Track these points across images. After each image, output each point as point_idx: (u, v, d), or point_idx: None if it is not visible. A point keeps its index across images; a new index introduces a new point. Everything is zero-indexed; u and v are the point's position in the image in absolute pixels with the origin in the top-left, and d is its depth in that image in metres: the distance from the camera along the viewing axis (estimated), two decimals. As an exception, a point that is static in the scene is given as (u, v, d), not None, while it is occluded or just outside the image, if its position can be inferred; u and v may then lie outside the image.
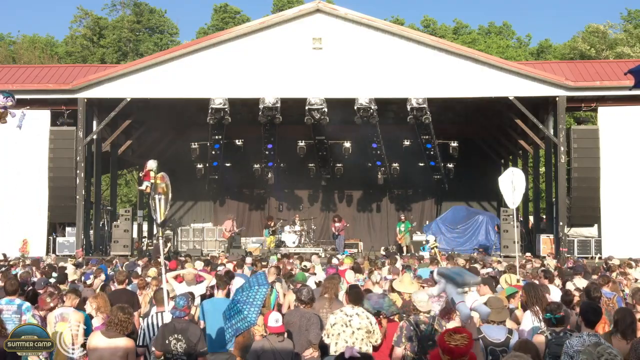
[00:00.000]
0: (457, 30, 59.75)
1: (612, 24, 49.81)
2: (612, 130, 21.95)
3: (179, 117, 26.23)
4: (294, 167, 28.17)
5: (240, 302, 7.09)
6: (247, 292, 7.16)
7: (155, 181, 8.67)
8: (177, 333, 6.88)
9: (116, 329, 6.50)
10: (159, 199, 8.53)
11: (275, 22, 22.64)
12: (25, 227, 21.99)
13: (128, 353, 6.49)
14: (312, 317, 7.58)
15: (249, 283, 7.38)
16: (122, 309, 6.69)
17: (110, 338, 6.45)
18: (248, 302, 7.05)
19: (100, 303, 7.97)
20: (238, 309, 7.04)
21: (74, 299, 8.29)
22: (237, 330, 7.06)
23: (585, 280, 11.04)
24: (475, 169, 28.73)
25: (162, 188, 8.54)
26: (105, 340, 6.45)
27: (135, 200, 36.13)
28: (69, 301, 8.23)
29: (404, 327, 6.66)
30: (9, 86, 22.20)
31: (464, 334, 4.36)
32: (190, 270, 11.03)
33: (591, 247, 21.93)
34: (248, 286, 7.28)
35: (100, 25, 59.89)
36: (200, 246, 25.94)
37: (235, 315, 7.05)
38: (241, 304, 7.05)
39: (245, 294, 7.15)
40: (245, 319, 6.95)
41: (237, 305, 7.06)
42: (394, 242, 28.11)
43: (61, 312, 8.04)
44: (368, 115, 21.81)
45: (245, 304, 7.01)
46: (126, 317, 6.59)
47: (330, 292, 8.53)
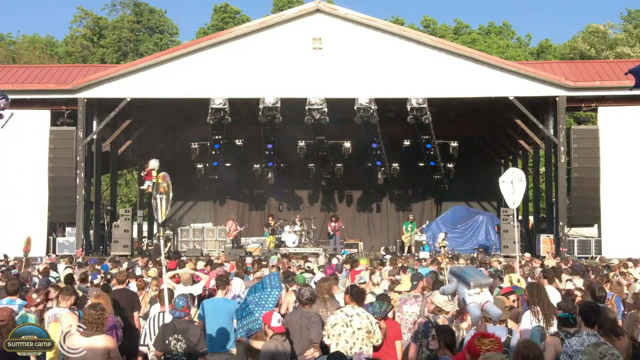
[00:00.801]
0: (458, 30, 59.74)
1: (612, 24, 49.87)
2: (612, 130, 21.96)
3: (179, 117, 26.22)
4: (294, 167, 28.19)
5: (252, 303, 7.10)
6: (260, 293, 7.18)
7: (157, 180, 8.68)
8: (177, 333, 6.88)
9: (91, 328, 6.47)
10: (160, 198, 8.53)
11: (275, 22, 22.64)
12: (25, 227, 21.96)
13: (109, 350, 6.45)
14: (313, 317, 7.58)
15: (262, 284, 7.39)
16: (93, 307, 6.67)
17: (89, 337, 6.42)
18: (260, 304, 7.08)
19: (102, 302, 7.94)
20: (250, 310, 7.06)
21: (69, 299, 8.20)
22: (249, 331, 7.10)
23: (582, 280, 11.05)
24: (475, 169, 28.75)
25: (164, 187, 8.55)
26: (84, 339, 6.41)
27: (135, 200, 36.14)
28: (64, 302, 8.15)
29: (422, 323, 6.68)
30: (9, 86, 22.24)
31: (492, 338, 4.49)
32: (186, 270, 11.00)
33: (591, 247, 21.92)
34: (261, 287, 7.29)
35: (100, 25, 59.90)
36: (200, 246, 25.93)
37: (247, 316, 7.08)
38: (253, 305, 7.06)
39: (258, 295, 7.17)
40: (257, 320, 6.99)
41: (250, 307, 7.08)
42: (394, 241, 28.15)
43: (55, 312, 8.01)
44: (368, 115, 21.81)
45: (258, 306, 7.04)
46: (98, 314, 6.55)
47: (323, 294, 8.52)
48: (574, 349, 5.60)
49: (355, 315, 7.11)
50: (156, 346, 6.99)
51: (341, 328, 7.02)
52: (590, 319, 6.08)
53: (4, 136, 20.20)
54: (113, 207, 26.57)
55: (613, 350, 4.45)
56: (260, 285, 7.41)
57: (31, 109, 22.18)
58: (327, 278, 9.62)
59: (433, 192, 30.00)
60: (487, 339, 4.41)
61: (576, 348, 5.62)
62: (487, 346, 4.35)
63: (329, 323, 7.18)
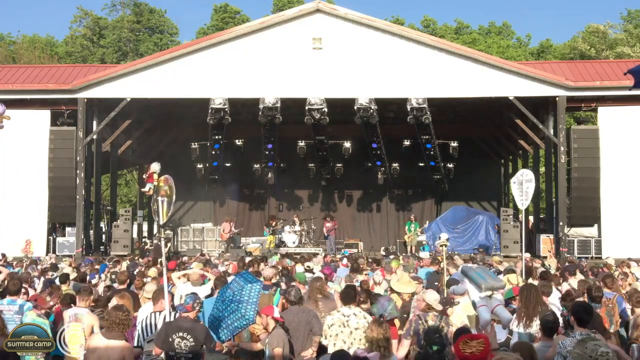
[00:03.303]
0: (458, 30, 59.75)
1: (612, 24, 49.81)
2: (612, 130, 21.95)
3: (179, 117, 26.23)
4: (294, 167, 28.19)
5: (233, 301, 7.04)
6: (240, 291, 7.11)
7: (159, 184, 8.68)
8: (182, 332, 6.81)
9: (117, 329, 6.45)
10: (162, 201, 8.53)
11: (275, 22, 22.63)
12: (25, 227, 21.99)
13: (124, 356, 6.41)
14: (309, 312, 7.60)
15: (237, 282, 7.33)
16: (119, 309, 6.67)
17: (110, 339, 6.41)
18: (243, 300, 7.01)
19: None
20: (233, 309, 7.00)
21: (87, 299, 8.28)
22: (234, 329, 7.04)
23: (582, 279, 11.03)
24: (475, 169, 28.75)
25: (165, 190, 8.54)
26: (104, 341, 6.41)
27: (135, 200, 36.14)
28: (83, 302, 8.21)
29: (413, 320, 6.71)
30: (9, 86, 22.28)
31: (480, 339, 4.28)
32: (195, 270, 10.97)
33: (591, 247, 21.92)
34: (238, 286, 7.23)
35: (100, 25, 59.92)
36: (200, 246, 25.94)
37: (230, 315, 7.01)
38: (235, 303, 7.00)
39: (238, 293, 7.10)
40: (243, 317, 6.92)
41: (232, 305, 7.02)
42: (394, 241, 28.14)
43: (75, 312, 8.04)
44: (368, 115, 21.81)
45: (241, 303, 6.98)
46: (125, 315, 6.56)
47: (314, 293, 8.52)
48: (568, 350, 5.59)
49: (352, 315, 7.12)
50: (157, 343, 6.93)
51: (338, 328, 7.03)
52: (582, 318, 6.11)
53: (4, 136, 20.24)
54: (113, 207, 26.57)
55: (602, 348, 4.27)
56: (236, 283, 7.31)
57: (31, 109, 22.19)
58: (318, 278, 9.62)
59: (433, 192, 29.99)
60: (474, 340, 4.23)
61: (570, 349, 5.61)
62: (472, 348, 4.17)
63: (326, 323, 7.19)
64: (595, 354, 4.25)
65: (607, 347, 4.35)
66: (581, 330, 5.99)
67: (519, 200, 13.82)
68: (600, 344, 4.36)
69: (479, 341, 4.24)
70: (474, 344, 4.21)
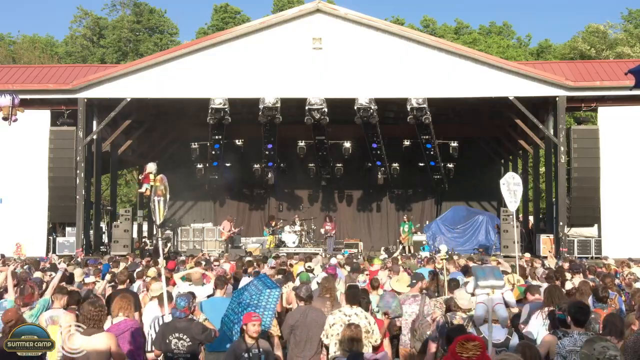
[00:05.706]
0: (458, 30, 59.74)
1: (612, 24, 49.82)
2: (612, 130, 21.94)
3: (178, 117, 26.23)
4: (294, 167, 28.19)
5: (250, 305, 7.03)
6: (258, 295, 7.10)
7: (155, 184, 8.69)
8: (178, 332, 6.85)
9: (91, 325, 6.39)
10: (158, 200, 8.54)
11: (275, 22, 22.64)
12: (25, 227, 21.97)
13: (110, 345, 6.35)
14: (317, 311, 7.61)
15: (256, 286, 7.32)
16: (92, 304, 6.59)
17: (90, 335, 6.35)
18: (261, 305, 7.02)
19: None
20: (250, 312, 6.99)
21: (62, 299, 8.06)
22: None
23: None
24: (475, 169, 28.76)
25: (161, 190, 8.56)
26: (85, 339, 6.34)
27: (135, 200, 36.13)
28: (58, 302, 8.01)
29: (440, 322, 6.70)
30: (9, 86, 22.22)
31: (476, 342, 4.19)
32: (197, 269, 10.96)
33: (591, 247, 21.90)
34: (256, 290, 7.21)
35: (100, 25, 59.88)
36: (200, 246, 25.92)
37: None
38: (252, 308, 6.98)
39: (255, 298, 7.09)
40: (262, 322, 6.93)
41: (248, 309, 6.99)
42: (395, 241, 28.13)
43: (51, 314, 7.87)
44: (368, 115, 21.81)
45: (258, 308, 6.98)
46: (97, 310, 6.46)
47: (333, 292, 8.54)
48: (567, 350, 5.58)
49: (353, 315, 7.13)
50: (155, 345, 6.96)
51: (339, 328, 7.03)
52: (579, 318, 6.12)
53: (4, 136, 20.25)
54: (113, 207, 26.56)
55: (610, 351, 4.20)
56: (254, 287, 7.29)
57: (31, 109, 22.11)
58: (330, 278, 9.62)
59: (433, 192, 30.00)
60: (470, 342, 4.14)
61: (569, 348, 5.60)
62: (469, 352, 4.09)
63: (328, 323, 7.20)
64: (603, 357, 4.18)
65: (616, 350, 4.28)
66: (578, 330, 5.98)
67: (509, 202, 14.00)
68: (609, 346, 4.28)
69: (475, 344, 4.16)
70: (471, 346, 4.13)
